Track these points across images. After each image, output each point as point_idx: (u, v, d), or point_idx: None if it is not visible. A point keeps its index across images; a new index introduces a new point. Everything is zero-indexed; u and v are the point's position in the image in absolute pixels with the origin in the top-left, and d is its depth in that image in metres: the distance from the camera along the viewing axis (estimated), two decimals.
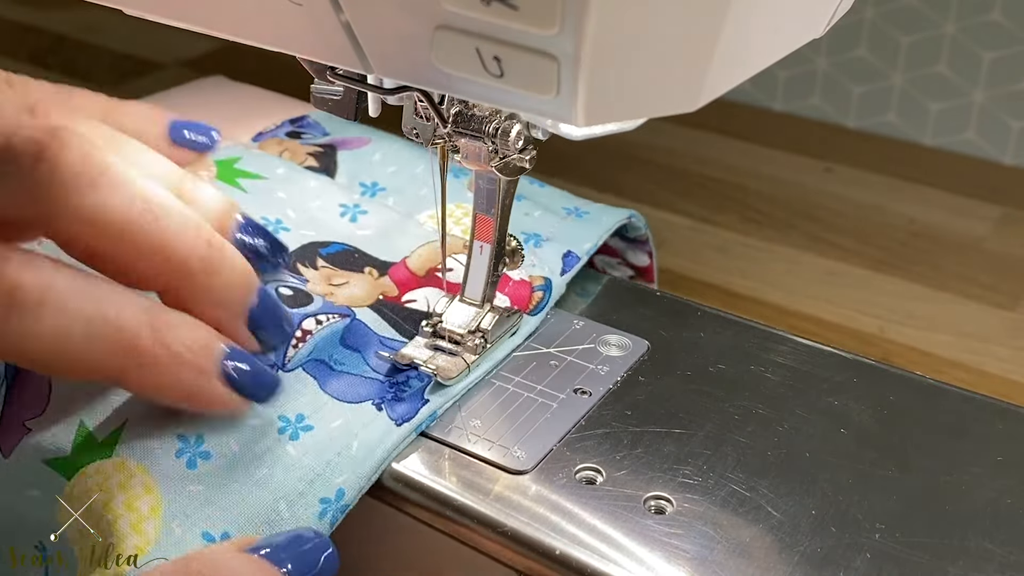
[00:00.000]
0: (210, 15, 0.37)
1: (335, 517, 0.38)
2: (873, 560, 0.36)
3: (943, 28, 0.81)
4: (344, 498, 0.39)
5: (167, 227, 0.38)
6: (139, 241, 0.37)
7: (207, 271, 0.39)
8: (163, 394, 0.38)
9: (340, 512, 0.38)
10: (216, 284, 0.39)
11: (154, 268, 0.38)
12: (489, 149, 0.41)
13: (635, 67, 0.30)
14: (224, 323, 0.40)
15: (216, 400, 0.38)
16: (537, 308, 0.47)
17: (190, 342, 0.38)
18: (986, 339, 0.63)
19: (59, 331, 0.36)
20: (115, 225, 0.37)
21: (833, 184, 0.80)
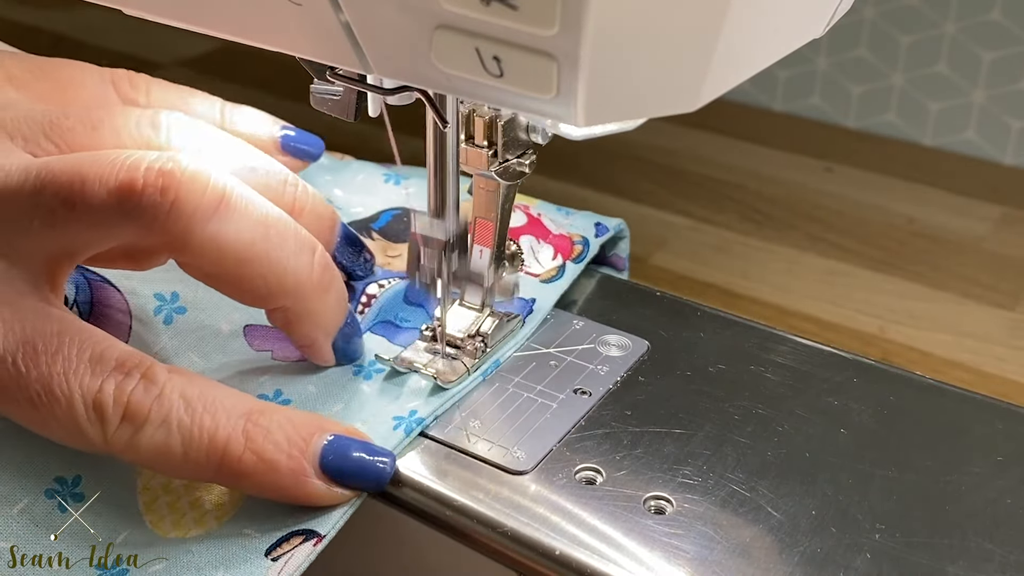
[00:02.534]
0: (210, 15, 0.37)
1: (409, 428, 0.41)
2: (873, 560, 0.36)
3: (943, 28, 0.81)
4: (416, 415, 0.41)
5: (285, 252, 0.40)
6: (257, 265, 0.39)
7: (317, 296, 0.41)
8: (266, 496, 0.38)
9: (415, 424, 0.41)
10: (321, 308, 0.41)
11: (270, 290, 0.40)
12: (489, 154, 0.41)
13: (635, 67, 0.30)
14: (317, 342, 0.42)
15: (319, 498, 0.38)
16: (579, 258, 0.49)
17: (285, 445, 0.38)
18: (986, 339, 0.63)
19: (160, 446, 0.37)
20: (234, 251, 0.38)
21: (833, 184, 0.80)
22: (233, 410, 0.38)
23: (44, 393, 0.36)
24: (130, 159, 0.37)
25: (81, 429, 0.36)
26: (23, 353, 0.36)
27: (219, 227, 0.38)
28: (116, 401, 0.36)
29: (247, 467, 0.37)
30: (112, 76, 0.45)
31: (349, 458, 0.38)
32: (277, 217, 0.40)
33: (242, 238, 0.38)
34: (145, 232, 0.37)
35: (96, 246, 0.39)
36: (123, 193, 0.37)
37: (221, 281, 0.40)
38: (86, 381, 0.36)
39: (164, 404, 0.37)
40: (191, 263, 0.39)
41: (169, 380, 0.37)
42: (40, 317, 0.37)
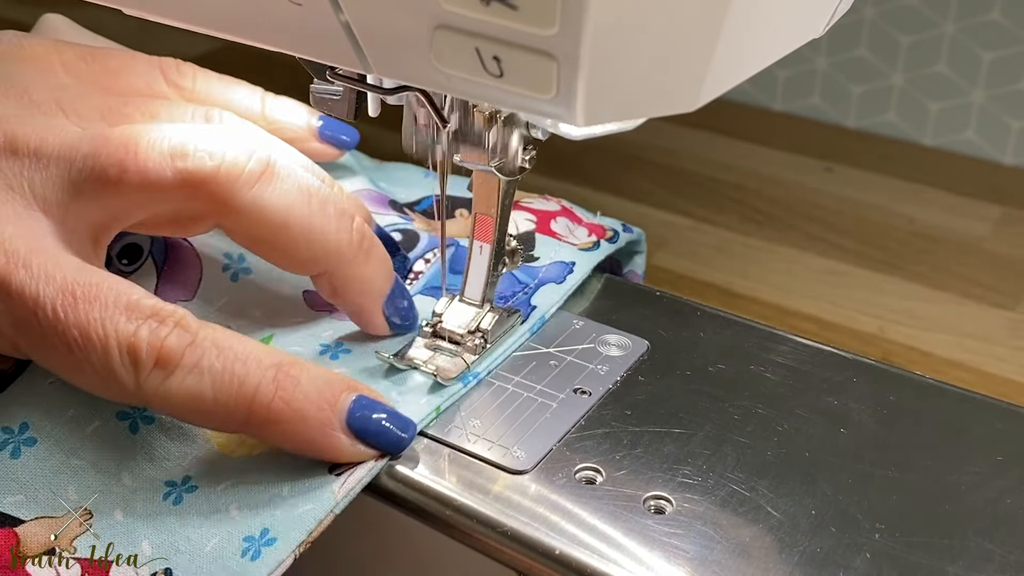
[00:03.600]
0: (210, 15, 0.37)
1: (467, 380, 0.43)
2: (873, 560, 0.36)
3: (943, 28, 0.81)
4: (475, 370, 0.44)
5: (326, 217, 0.41)
6: (299, 229, 0.41)
7: (359, 261, 0.43)
8: (291, 447, 0.39)
9: (473, 377, 0.43)
10: (365, 273, 0.43)
11: (312, 254, 0.42)
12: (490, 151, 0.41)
13: (635, 67, 0.30)
14: (365, 309, 0.44)
15: (341, 453, 0.39)
16: (612, 239, 0.51)
17: (315, 397, 0.38)
18: (986, 339, 0.63)
19: (191, 390, 0.38)
20: (277, 215, 0.40)
21: (833, 184, 0.80)
22: (265, 359, 0.38)
23: (81, 337, 0.37)
24: (182, 128, 0.40)
25: (115, 374, 0.37)
26: (62, 300, 0.37)
27: (263, 191, 0.40)
28: (150, 346, 0.37)
29: (276, 414, 0.38)
30: (160, 63, 0.47)
31: (373, 420, 0.39)
32: (318, 186, 0.42)
33: (284, 203, 0.40)
34: (193, 195, 0.39)
35: (144, 211, 0.40)
36: (174, 156, 0.39)
37: (265, 245, 0.42)
38: (121, 326, 0.37)
39: (197, 350, 0.38)
40: (236, 228, 0.41)
41: (202, 328, 0.38)
42: (80, 270, 0.38)
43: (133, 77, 0.45)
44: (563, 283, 0.48)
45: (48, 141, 0.39)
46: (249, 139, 0.41)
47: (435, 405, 0.42)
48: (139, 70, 0.46)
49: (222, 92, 0.48)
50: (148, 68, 0.46)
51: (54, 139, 0.39)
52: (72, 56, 0.45)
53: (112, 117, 0.42)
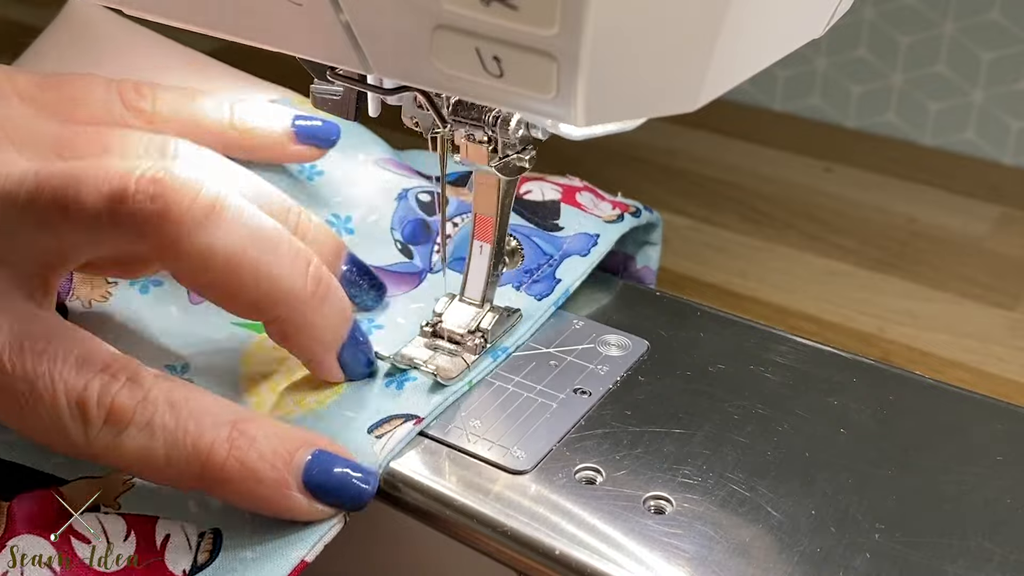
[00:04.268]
0: (210, 15, 0.37)
1: (497, 355, 0.44)
2: (873, 560, 0.36)
3: (942, 28, 0.81)
4: (501, 343, 0.44)
5: (275, 261, 0.39)
6: (247, 274, 0.39)
7: (312, 306, 0.40)
8: (245, 507, 0.38)
9: (501, 352, 0.44)
10: (318, 320, 0.41)
11: (259, 300, 0.39)
12: (489, 149, 0.41)
13: (634, 67, 0.30)
14: (318, 356, 0.42)
15: (298, 513, 0.38)
16: (635, 214, 0.51)
17: (269, 455, 0.37)
18: (986, 339, 0.63)
19: (143, 448, 0.37)
20: (222, 259, 0.38)
21: (833, 184, 0.80)
22: (219, 417, 0.38)
23: (28, 391, 0.36)
24: (124, 167, 0.37)
25: (64, 428, 0.36)
26: (9, 350, 0.36)
27: (209, 234, 0.38)
28: (100, 402, 0.36)
29: (230, 474, 0.37)
30: (119, 87, 0.45)
31: (332, 474, 0.38)
32: (271, 227, 0.40)
33: (232, 245, 0.38)
34: (135, 239, 0.37)
35: (88, 252, 0.39)
36: (114, 199, 0.37)
37: (213, 290, 0.39)
38: (71, 380, 0.36)
39: (149, 407, 0.37)
40: (182, 271, 0.39)
41: (155, 384, 0.37)
42: (29, 319, 0.37)
43: (91, 105, 0.44)
44: (587, 255, 0.48)
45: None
46: (198, 177, 0.38)
47: (468, 380, 0.43)
48: (97, 96, 0.44)
49: (185, 108, 0.46)
50: (106, 94, 0.45)
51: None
52: (27, 85, 0.43)
53: (64, 150, 0.40)
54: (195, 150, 0.42)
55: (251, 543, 0.38)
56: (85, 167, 0.38)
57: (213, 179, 0.39)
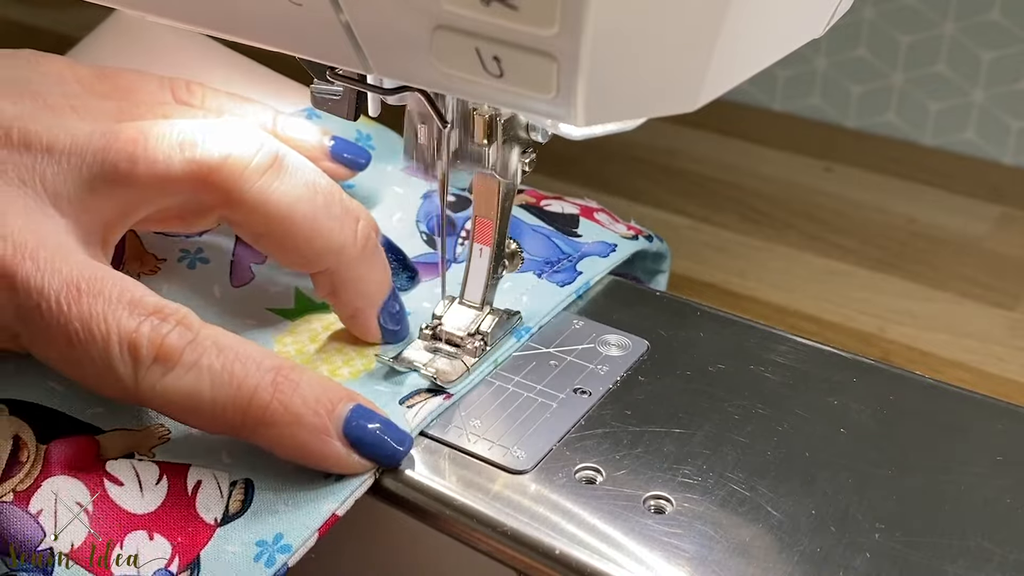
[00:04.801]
0: (210, 15, 0.37)
1: (520, 335, 0.45)
2: (873, 560, 0.36)
3: (942, 28, 0.81)
4: (523, 324, 0.46)
5: (328, 214, 0.42)
6: (303, 225, 0.41)
7: (360, 262, 0.43)
8: (284, 453, 0.39)
9: (524, 332, 0.45)
10: (365, 275, 0.43)
11: (314, 251, 0.42)
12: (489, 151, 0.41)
13: (634, 67, 0.30)
14: (361, 312, 0.44)
15: (335, 461, 0.38)
16: (648, 239, 0.52)
17: (312, 401, 0.38)
18: (986, 339, 0.63)
19: (189, 388, 0.38)
20: (282, 209, 0.41)
21: (833, 184, 0.80)
22: (265, 362, 0.38)
23: (83, 330, 0.37)
24: (190, 123, 0.40)
25: (114, 368, 0.37)
26: (66, 292, 0.37)
27: (269, 184, 0.40)
28: (151, 342, 0.37)
29: (272, 416, 0.38)
30: (171, 83, 0.47)
31: (370, 429, 0.39)
32: (325, 184, 0.42)
33: (290, 196, 0.41)
34: (200, 186, 0.40)
35: (153, 203, 0.41)
36: (184, 147, 0.40)
37: (269, 240, 0.42)
38: (123, 321, 0.37)
39: (197, 348, 0.38)
40: (241, 221, 0.41)
41: (204, 328, 0.39)
42: (86, 265, 0.38)
43: (143, 95, 0.46)
44: (607, 257, 0.50)
45: (60, 137, 0.40)
46: (257, 134, 0.41)
47: (494, 359, 0.44)
48: (150, 88, 0.46)
49: (231, 109, 0.48)
50: (159, 87, 0.46)
51: (66, 135, 0.40)
52: (86, 74, 0.45)
53: (123, 118, 0.42)
54: (248, 123, 0.45)
55: (283, 495, 0.38)
56: (151, 124, 0.41)
57: (273, 139, 0.41)
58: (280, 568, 0.37)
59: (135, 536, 0.38)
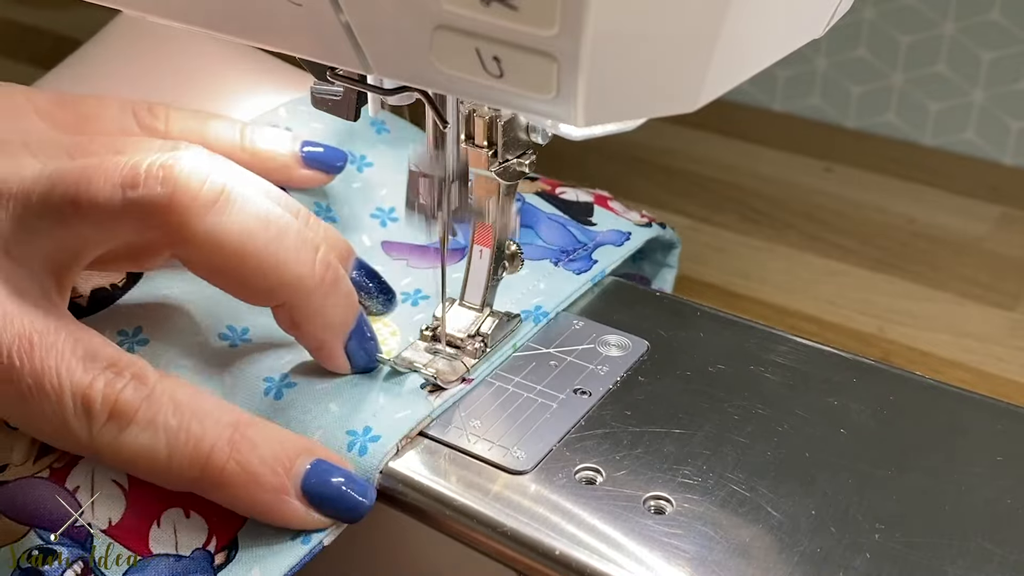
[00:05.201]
0: (210, 15, 0.37)
1: (539, 319, 0.46)
2: (873, 560, 0.36)
3: (942, 28, 0.81)
4: (544, 308, 0.46)
5: (285, 246, 0.40)
6: (256, 259, 0.39)
7: (321, 292, 0.41)
8: (242, 511, 0.38)
9: (543, 316, 0.46)
10: (327, 306, 0.41)
11: (269, 285, 0.40)
12: (489, 154, 0.41)
13: (634, 67, 0.30)
14: (326, 344, 0.42)
15: (294, 520, 0.38)
16: (661, 226, 0.53)
17: (270, 460, 0.38)
18: (986, 339, 0.63)
19: (145, 447, 0.37)
20: (231, 244, 0.39)
21: (833, 184, 0.80)
22: (222, 419, 0.38)
23: (35, 387, 0.36)
24: (134, 159, 0.38)
25: (68, 424, 0.37)
26: (18, 345, 0.37)
27: (218, 219, 0.38)
28: (105, 398, 0.37)
29: (229, 477, 0.37)
30: (132, 106, 0.46)
31: (330, 484, 0.38)
32: (279, 214, 0.40)
33: (240, 230, 0.39)
34: (146, 226, 0.38)
35: (101, 245, 0.39)
36: (125, 186, 0.38)
37: (222, 276, 0.40)
38: (77, 376, 0.37)
39: (152, 405, 0.37)
40: (192, 258, 0.40)
41: (160, 382, 0.38)
42: (40, 314, 0.38)
43: (105, 122, 0.45)
44: (621, 246, 0.50)
45: (8, 182, 0.39)
46: (205, 166, 0.39)
47: (512, 343, 0.45)
48: (111, 115, 0.45)
49: (197, 128, 0.47)
50: (120, 113, 0.46)
51: (14, 179, 0.39)
52: (45, 103, 0.44)
53: (78, 154, 0.41)
54: (208, 155, 0.43)
55: None
56: (97, 162, 0.39)
57: (222, 170, 0.39)
58: (316, 545, 0.38)
59: (171, 513, 0.38)
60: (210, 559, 0.38)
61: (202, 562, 0.38)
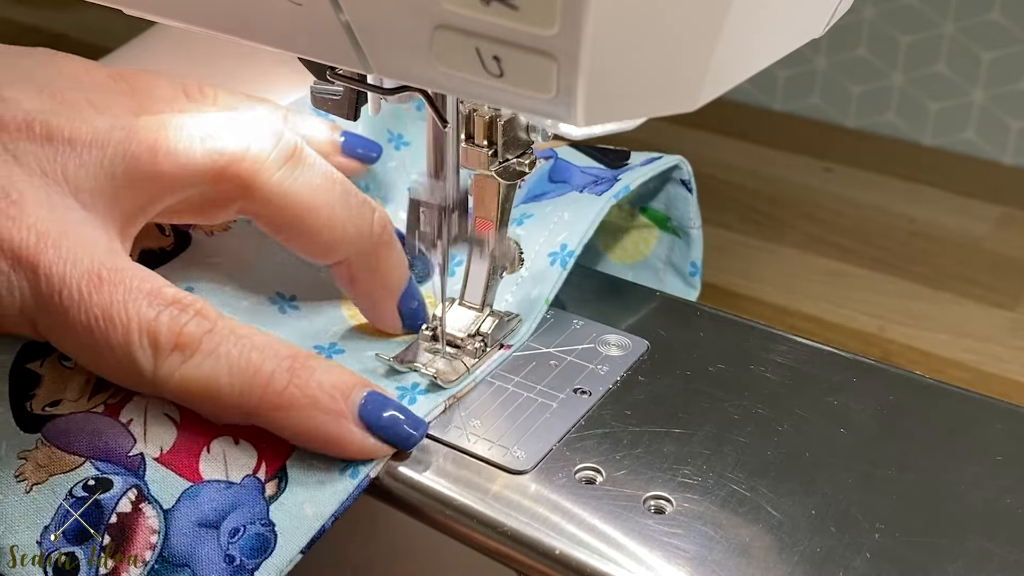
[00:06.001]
0: (210, 15, 0.37)
1: (565, 261, 0.47)
2: (873, 560, 0.36)
3: (942, 28, 0.81)
4: (569, 247, 0.47)
5: (348, 204, 0.42)
6: (323, 215, 0.42)
7: (379, 250, 0.43)
8: (300, 438, 0.39)
9: (568, 257, 0.47)
10: (383, 264, 0.44)
11: (334, 240, 0.42)
12: (489, 153, 0.41)
13: (635, 67, 0.30)
14: (380, 301, 0.44)
15: (352, 445, 0.39)
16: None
17: (328, 386, 0.39)
18: (986, 339, 0.63)
19: (208, 375, 0.38)
20: (302, 199, 0.41)
21: (833, 184, 0.80)
22: (282, 350, 0.39)
23: (103, 318, 0.38)
24: (208, 117, 0.41)
25: (134, 356, 0.38)
26: (87, 280, 0.38)
27: (288, 175, 0.41)
28: (170, 330, 0.38)
29: (289, 399, 0.38)
30: (184, 85, 0.47)
31: (384, 415, 0.39)
32: (341, 176, 0.42)
33: (309, 186, 0.41)
34: (220, 179, 0.40)
35: (173, 195, 0.41)
36: (203, 140, 0.40)
37: (289, 231, 0.42)
38: (144, 310, 0.38)
39: (215, 337, 0.38)
40: (261, 211, 0.42)
41: (221, 318, 0.39)
42: (108, 254, 0.39)
43: (158, 95, 0.46)
44: (647, 164, 0.51)
45: (81, 130, 0.40)
46: (276, 125, 0.42)
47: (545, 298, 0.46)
48: (163, 90, 0.47)
49: (244, 108, 0.48)
50: (172, 88, 0.47)
51: (87, 128, 0.40)
52: (101, 74, 0.45)
53: (142, 114, 0.43)
54: (265, 113, 0.45)
55: None
56: (170, 117, 0.41)
57: (290, 131, 0.42)
58: (364, 479, 0.39)
59: (221, 440, 0.40)
60: (260, 488, 0.39)
61: (253, 491, 0.38)
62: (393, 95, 0.41)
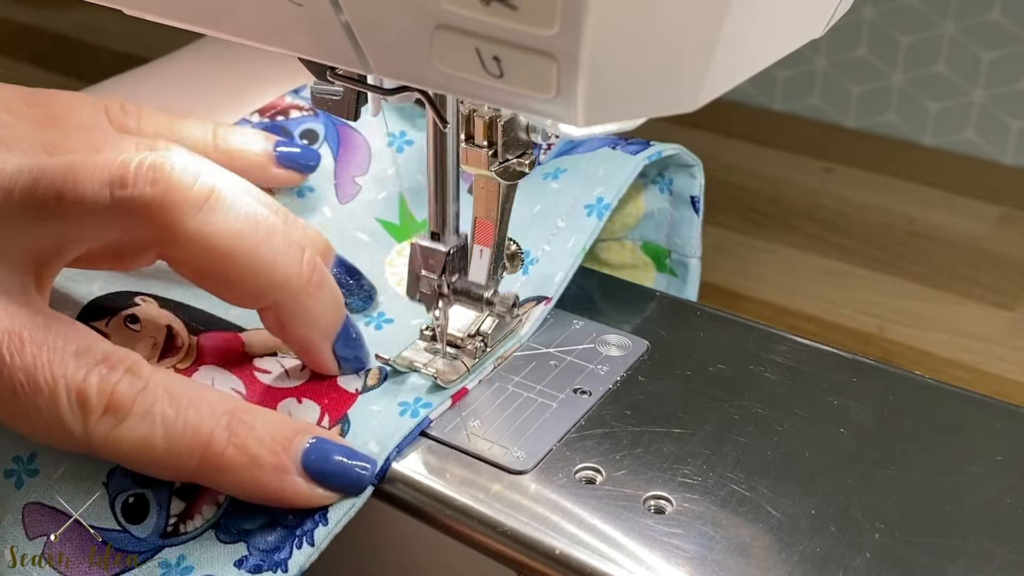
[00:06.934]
0: (210, 15, 0.37)
1: (601, 213, 0.48)
2: (873, 560, 0.36)
3: (942, 28, 0.81)
4: (605, 200, 0.48)
5: (273, 247, 0.39)
6: (244, 259, 0.39)
7: (307, 293, 0.40)
8: (246, 496, 0.38)
9: (605, 209, 0.48)
10: (314, 306, 0.41)
11: (258, 286, 0.39)
12: (489, 154, 0.41)
13: (635, 67, 0.30)
14: (314, 345, 0.42)
15: (297, 498, 0.38)
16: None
17: (269, 441, 0.38)
18: (986, 339, 0.63)
19: (142, 438, 0.37)
20: (222, 244, 0.38)
21: (833, 184, 0.80)
22: (218, 406, 0.38)
23: (27, 382, 0.36)
24: (122, 156, 0.38)
25: (62, 420, 0.36)
26: (8, 342, 0.36)
27: (207, 219, 0.38)
28: (100, 392, 0.36)
29: (229, 461, 0.37)
30: (105, 105, 0.46)
31: (331, 460, 0.38)
32: (266, 215, 0.40)
33: (229, 231, 0.38)
34: (134, 225, 0.38)
35: (85, 241, 0.39)
36: (114, 184, 0.37)
37: (209, 276, 0.39)
38: (70, 371, 0.36)
39: (148, 397, 0.37)
40: (179, 258, 0.39)
41: (154, 374, 0.38)
42: (26, 311, 0.37)
43: (77, 119, 0.45)
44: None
45: None
46: (195, 165, 0.39)
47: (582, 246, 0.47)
48: (83, 113, 0.45)
49: (169, 128, 0.47)
50: (92, 111, 0.45)
51: None
52: (14, 99, 0.44)
53: (54, 150, 0.41)
54: (187, 153, 0.42)
55: (414, 375, 0.43)
56: (82, 159, 0.38)
57: (210, 170, 0.39)
58: (424, 420, 0.41)
59: (285, 403, 0.42)
60: None
61: None
62: (393, 95, 0.41)
